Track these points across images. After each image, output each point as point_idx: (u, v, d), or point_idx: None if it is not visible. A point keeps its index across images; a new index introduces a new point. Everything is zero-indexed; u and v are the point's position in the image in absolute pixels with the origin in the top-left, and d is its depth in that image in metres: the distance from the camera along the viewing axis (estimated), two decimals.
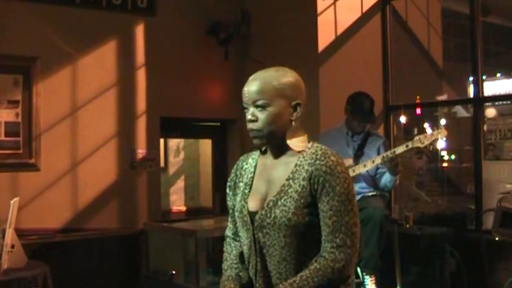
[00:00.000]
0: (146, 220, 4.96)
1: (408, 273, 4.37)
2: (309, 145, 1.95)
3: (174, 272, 4.25)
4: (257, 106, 1.91)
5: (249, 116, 1.93)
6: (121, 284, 4.76)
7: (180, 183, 6.71)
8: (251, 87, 1.92)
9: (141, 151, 5.10)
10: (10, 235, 3.39)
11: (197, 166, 6.60)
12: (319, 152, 1.90)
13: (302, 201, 1.85)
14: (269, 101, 1.89)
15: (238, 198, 2.01)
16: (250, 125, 1.93)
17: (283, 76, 1.93)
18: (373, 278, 3.88)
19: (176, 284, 4.24)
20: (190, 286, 4.18)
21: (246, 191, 2.00)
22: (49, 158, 4.62)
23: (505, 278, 4.10)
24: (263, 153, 2.04)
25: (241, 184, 2.04)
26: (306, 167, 1.88)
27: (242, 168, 2.08)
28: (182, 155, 6.77)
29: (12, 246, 3.41)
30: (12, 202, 3.44)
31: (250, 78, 1.96)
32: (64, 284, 3.91)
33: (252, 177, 2.01)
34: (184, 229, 4.50)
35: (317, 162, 1.87)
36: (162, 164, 5.81)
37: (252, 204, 1.95)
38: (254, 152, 2.09)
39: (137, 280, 4.73)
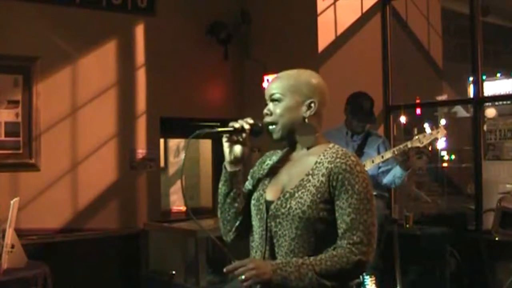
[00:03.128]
0: (146, 220, 4.96)
1: (408, 273, 4.37)
2: (330, 145, 2.00)
3: (174, 272, 4.25)
4: (272, 100, 2.02)
5: (265, 110, 2.03)
6: (121, 284, 4.76)
7: None
8: (271, 83, 2.05)
9: (141, 151, 5.10)
10: (10, 235, 3.39)
11: (197, 166, 6.60)
12: (340, 152, 1.95)
13: (319, 195, 1.88)
14: (283, 96, 1.99)
15: (257, 187, 2.07)
16: (265, 119, 2.02)
17: (301, 75, 2.03)
18: (373, 278, 3.88)
19: (176, 284, 4.24)
20: (190, 286, 4.18)
21: (266, 182, 2.05)
22: (49, 158, 4.62)
23: (505, 278, 4.10)
24: (287, 150, 2.11)
25: (261, 175, 2.11)
26: (326, 164, 1.92)
27: (264, 163, 2.16)
28: (182, 155, 6.77)
29: (12, 246, 3.41)
30: (12, 202, 3.44)
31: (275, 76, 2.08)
32: (64, 284, 3.91)
33: (274, 170, 2.07)
34: (184, 229, 4.50)
35: (337, 160, 1.91)
36: (162, 164, 5.81)
37: (270, 194, 2.01)
38: (279, 151, 2.16)
39: (137, 280, 4.73)
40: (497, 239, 4.15)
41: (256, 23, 5.49)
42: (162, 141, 5.78)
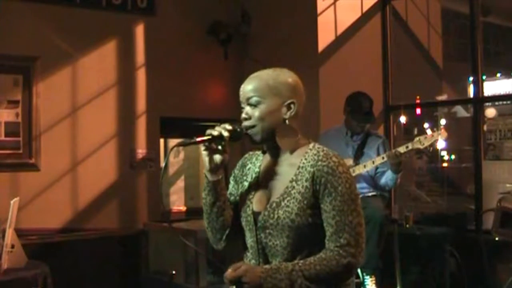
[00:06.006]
0: (146, 220, 4.96)
1: (408, 273, 4.37)
2: (311, 146, 1.95)
3: (174, 272, 4.25)
4: (250, 104, 1.93)
5: (242, 115, 1.95)
6: (121, 284, 4.76)
7: (180, 183, 6.70)
8: (246, 85, 1.95)
9: (141, 151, 5.10)
10: (10, 235, 3.39)
11: (197, 166, 6.59)
12: (321, 153, 1.90)
13: (305, 202, 1.85)
14: (261, 99, 1.91)
15: (243, 197, 2.02)
16: (244, 123, 1.94)
17: (278, 76, 1.95)
18: (373, 278, 3.88)
19: (176, 284, 4.24)
20: (190, 286, 4.18)
21: (251, 191, 2.00)
22: (49, 158, 4.62)
23: (505, 278, 4.09)
24: (264, 153, 2.05)
25: (245, 183, 2.05)
26: (308, 169, 1.88)
27: (246, 166, 2.09)
28: (182, 155, 6.76)
29: (12, 246, 3.41)
30: (12, 202, 3.44)
31: (248, 77, 1.98)
32: (64, 284, 3.91)
33: (257, 177, 2.02)
34: (184, 229, 4.50)
35: (319, 163, 1.87)
36: (162, 164, 5.81)
37: (256, 205, 1.96)
38: (258, 152, 2.10)
39: (137, 280, 4.73)
40: (497, 239, 4.14)
41: (256, 23, 5.49)
42: (162, 141, 5.78)
